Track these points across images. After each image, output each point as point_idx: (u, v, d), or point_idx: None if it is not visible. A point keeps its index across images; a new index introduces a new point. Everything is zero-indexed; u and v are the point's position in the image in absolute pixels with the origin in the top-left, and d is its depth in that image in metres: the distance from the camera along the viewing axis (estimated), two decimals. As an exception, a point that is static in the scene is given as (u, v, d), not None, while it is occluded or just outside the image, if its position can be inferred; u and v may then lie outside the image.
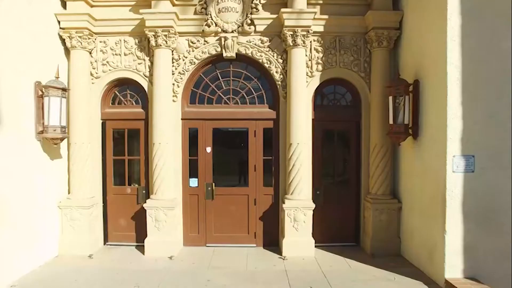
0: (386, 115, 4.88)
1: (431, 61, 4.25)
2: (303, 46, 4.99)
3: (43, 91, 4.49)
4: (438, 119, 4.05)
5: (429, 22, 4.29)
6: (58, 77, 4.61)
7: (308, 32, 4.95)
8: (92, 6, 5.13)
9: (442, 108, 3.95)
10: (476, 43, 3.87)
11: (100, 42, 5.20)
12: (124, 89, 5.40)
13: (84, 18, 4.94)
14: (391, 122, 4.65)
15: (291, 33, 4.92)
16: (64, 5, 5.07)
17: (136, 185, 5.44)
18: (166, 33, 4.93)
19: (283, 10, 4.88)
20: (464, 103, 3.89)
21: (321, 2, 5.12)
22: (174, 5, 5.09)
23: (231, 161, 5.51)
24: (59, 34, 5.00)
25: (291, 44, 4.96)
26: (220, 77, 5.36)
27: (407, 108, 4.53)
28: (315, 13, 4.92)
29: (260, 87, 5.37)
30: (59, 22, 4.99)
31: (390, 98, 4.62)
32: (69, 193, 5.12)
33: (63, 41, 5.04)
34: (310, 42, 5.12)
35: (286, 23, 4.91)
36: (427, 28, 4.35)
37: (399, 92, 4.47)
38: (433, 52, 4.18)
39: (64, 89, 4.60)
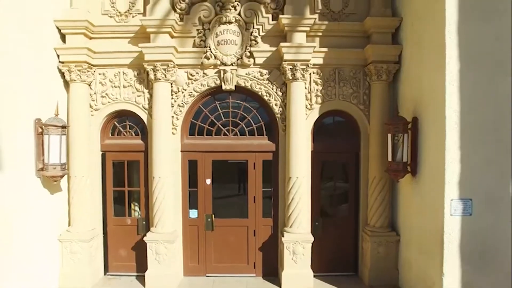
0: (385, 149, 4.90)
1: (429, 101, 4.26)
2: (303, 79, 4.99)
3: (43, 128, 4.51)
4: (436, 161, 4.07)
5: (428, 61, 4.29)
6: (57, 114, 4.61)
7: (308, 66, 4.96)
8: (91, 38, 5.13)
9: (441, 151, 3.97)
10: (474, 88, 3.88)
11: (99, 74, 5.19)
12: (124, 120, 5.41)
13: (83, 52, 4.93)
14: (389, 159, 4.67)
15: (290, 67, 4.92)
16: (63, 38, 5.08)
17: (137, 214, 5.48)
18: (165, 67, 4.93)
19: (282, 44, 4.88)
20: (462, 147, 3.91)
21: (320, 34, 5.12)
22: (172, 37, 5.09)
23: (231, 192, 5.53)
24: (58, 68, 5.00)
25: (290, 78, 4.96)
26: (219, 109, 5.36)
27: (406, 145, 4.54)
28: (314, 47, 4.93)
29: (260, 118, 5.37)
30: (58, 56, 4.99)
31: (389, 135, 4.64)
32: (69, 225, 5.16)
33: (62, 74, 5.04)
34: (310, 74, 5.12)
35: (285, 57, 4.91)
36: (425, 67, 4.35)
37: (398, 130, 4.49)
38: (432, 93, 4.18)
39: (64, 127, 4.62)
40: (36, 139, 4.53)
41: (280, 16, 4.91)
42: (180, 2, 5.12)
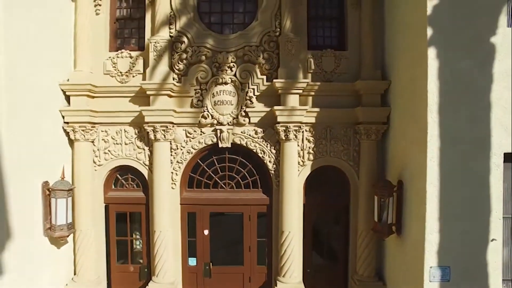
0: (372, 203, 5.17)
1: (412, 172, 4.53)
2: (295, 139, 5.25)
3: (50, 191, 4.80)
4: (417, 229, 4.36)
5: (412, 135, 4.54)
6: (63, 178, 4.91)
7: (300, 127, 5.22)
8: (93, 97, 5.39)
9: (421, 222, 4.25)
10: (453, 164, 4.14)
11: (102, 131, 5.46)
12: (126, 173, 5.68)
13: (87, 114, 5.20)
14: (375, 219, 4.95)
15: (284, 128, 5.18)
16: (68, 99, 5.34)
17: (139, 261, 5.81)
18: (165, 128, 5.20)
19: (275, 107, 5.14)
20: (441, 219, 4.18)
21: (313, 93, 5.35)
22: (171, 97, 5.34)
23: (228, 242, 5.83)
24: (63, 128, 5.27)
25: (284, 138, 5.22)
26: (216, 163, 5.63)
27: (391, 208, 4.82)
28: (306, 109, 5.18)
29: (255, 172, 5.64)
30: (63, 116, 5.27)
31: (376, 197, 4.91)
32: (75, 273, 5.49)
33: (67, 133, 5.31)
34: (302, 132, 5.37)
35: (279, 119, 5.17)
36: (409, 139, 4.61)
37: (384, 194, 4.76)
38: (415, 165, 4.45)
39: (70, 189, 4.91)
40: (43, 200, 4.83)
41: (274, 80, 5.16)
42: (178, 63, 5.37)
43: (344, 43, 5.56)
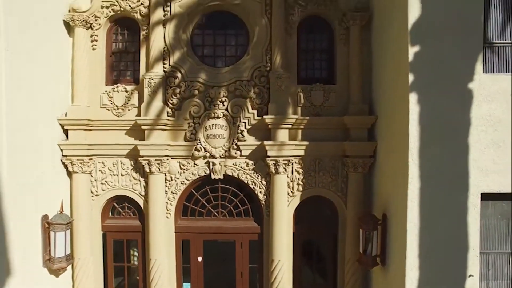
0: (358, 234, 5.38)
1: (395, 210, 4.74)
2: (285, 172, 5.46)
3: (49, 224, 5.01)
4: (399, 265, 4.57)
5: (394, 174, 4.76)
6: (62, 211, 5.12)
7: (289, 161, 5.42)
8: (90, 130, 5.58)
9: (402, 258, 4.45)
10: (433, 204, 4.34)
11: (99, 163, 5.66)
12: (122, 201, 5.89)
13: (84, 147, 5.41)
14: (361, 251, 5.17)
15: (274, 162, 5.38)
16: (66, 132, 5.53)
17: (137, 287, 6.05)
18: (159, 161, 5.40)
19: (265, 142, 5.34)
20: (421, 256, 4.40)
21: (302, 127, 5.54)
22: (165, 130, 5.52)
23: (221, 268, 6.05)
24: (61, 161, 5.48)
25: (274, 171, 5.43)
26: (209, 192, 5.83)
27: (376, 241, 5.04)
28: (296, 144, 5.38)
29: (246, 202, 5.84)
30: (61, 150, 5.47)
31: (361, 230, 5.12)
32: (74, 299, 5.74)
33: (65, 166, 5.52)
34: (292, 164, 5.55)
35: (269, 153, 5.37)
36: (392, 178, 4.81)
37: (369, 228, 4.97)
38: (397, 204, 4.65)
39: (68, 223, 5.12)
40: (43, 233, 5.05)
41: (264, 116, 5.35)
42: (172, 98, 5.56)
43: (333, 76, 5.75)
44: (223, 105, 5.52)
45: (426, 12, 4.34)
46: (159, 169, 5.44)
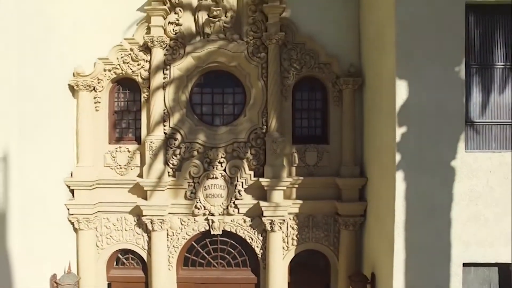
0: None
1: (382, 273, 5.05)
2: (280, 230, 5.76)
3: (57, 284, 5.32)
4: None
5: (381, 242, 5.05)
6: (70, 271, 5.43)
7: (284, 220, 5.73)
8: (95, 188, 5.86)
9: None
10: (417, 274, 4.62)
11: (104, 218, 5.96)
12: (126, 253, 6.22)
13: (90, 207, 5.70)
14: (351, 308, 5.53)
15: (269, 221, 5.69)
16: (72, 191, 5.83)
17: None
18: (161, 220, 5.70)
19: (261, 204, 5.64)
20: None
21: (296, 186, 5.84)
22: (166, 188, 5.81)
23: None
24: (68, 219, 5.78)
25: (269, 229, 5.73)
26: (209, 245, 6.15)
27: (365, 299, 5.39)
28: (290, 206, 5.68)
29: (244, 253, 6.16)
30: (68, 209, 5.76)
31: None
32: None
33: (71, 223, 5.83)
34: (287, 222, 5.85)
35: (265, 213, 5.67)
36: (380, 240, 5.11)
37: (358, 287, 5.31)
38: (383, 270, 4.97)
39: (76, 282, 5.44)
40: (53, 292, 5.40)
41: (260, 179, 5.63)
42: (172, 158, 5.83)
43: (326, 135, 6.01)
44: (221, 166, 5.80)
45: (412, 96, 4.60)
46: (161, 226, 5.74)
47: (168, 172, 5.82)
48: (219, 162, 5.79)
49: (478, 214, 4.69)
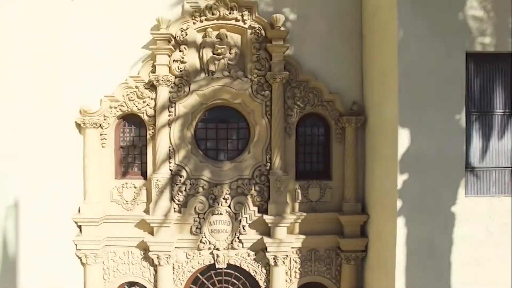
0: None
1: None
2: (283, 265, 5.89)
3: (68, 320, 5.48)
4: None
5: (383, 277, 5.19)
6: (79, 308, 5.58)
7: (287, 256, 5.85)
8: (102, 223, 5.97)
9: None
10: None
11: (110, 252, 6.07)
12: (133, 284, 6.33)
13: (97, 243, 5.81)
14: None
15: (273, 256, 5.81)
16: (79, 227, 5.94)
17: None
18: (168, 255, 5.82)
19: (265, 240, 5.77)
20: None
21: (299, 221, 5.96)
22: (171, 224, 5.91)
23: None
24: (76, 254, 5.90)
25: (273, 264, 5.86)
26: (214, 276, 6.27)
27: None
28: (293, 242, 5.81)
29: (248, 285, 6.27)
30: (76, 244, 5.88)
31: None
32: None
33: (79, 258, 5.94)
34: (290, 256, 5.97)
35: (268, 249, 5.79)
36: (381, 279, 5.28)
37: (359, 323, 5.48)
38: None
39: (85, 318, 5.59)
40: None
41: (264, 216, 5.76)
42: (178, 194, 5.94)
43: (329, 170, 6.14)
44: (226, 202, 5.91)
45: (414, 143, 4.72)
46: (167, 261, 5.86)
47: (174, 208, 5.94)
48: (224, 199, 5.90)
49: (478, 258, 4.83)
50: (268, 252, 5.81)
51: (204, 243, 5.94)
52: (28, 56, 4.86)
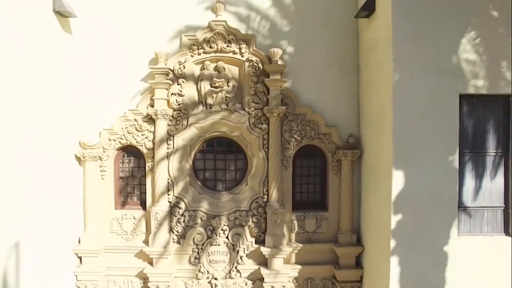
0: None
1: None
2: (281, 293, 6.04)
3: None
4: None
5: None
6: (80, 338, 5.70)
7: (284, 286, 5.96)
8: (102, 254, 6.08)
9: None
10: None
11: (111, 281, 6.14)
12: (133, 310, 6.50)
13: (97, 274, 5.91)
14: None
15: (270, 287, 5.92)
16: (80, 259, 6.04)
17: None
18: (167, 286, 5.92)
19: (262, 271, 5.89)
20: None
21: (296, 252, 6.07)
22: (170, 255, 6.03)
23: None
24: (76, 285, 6.00)
25: (271, 293, 6.01)
26: (212, 303, 6.43)
27: None
28: (289, 274, 5.93)
29: (246, 312, 6.45)
30: (76, 275, 5.98)
31: None
32: None
33: (80, 288, 6.08)
34: (286, 285, 6.12)
35: (265, 280, 5.91)
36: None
37: None
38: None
39: None
40: None
41: (261, 248, 5.86)
42: (177, 225, 6.03)
43: (325, 201, 6.24)
44: (224, 234, 6.01)
45: (408, 184, 4.81)
46: (167, 290, 6.00)
47: (173, 239, 6.04)
48: (222, 230, 6.00)
49: (470, 296, 4.95)
50: (265, 282, 5.93)
51: (202, 273, 6.05)
52: (27, 89, 4.90)
